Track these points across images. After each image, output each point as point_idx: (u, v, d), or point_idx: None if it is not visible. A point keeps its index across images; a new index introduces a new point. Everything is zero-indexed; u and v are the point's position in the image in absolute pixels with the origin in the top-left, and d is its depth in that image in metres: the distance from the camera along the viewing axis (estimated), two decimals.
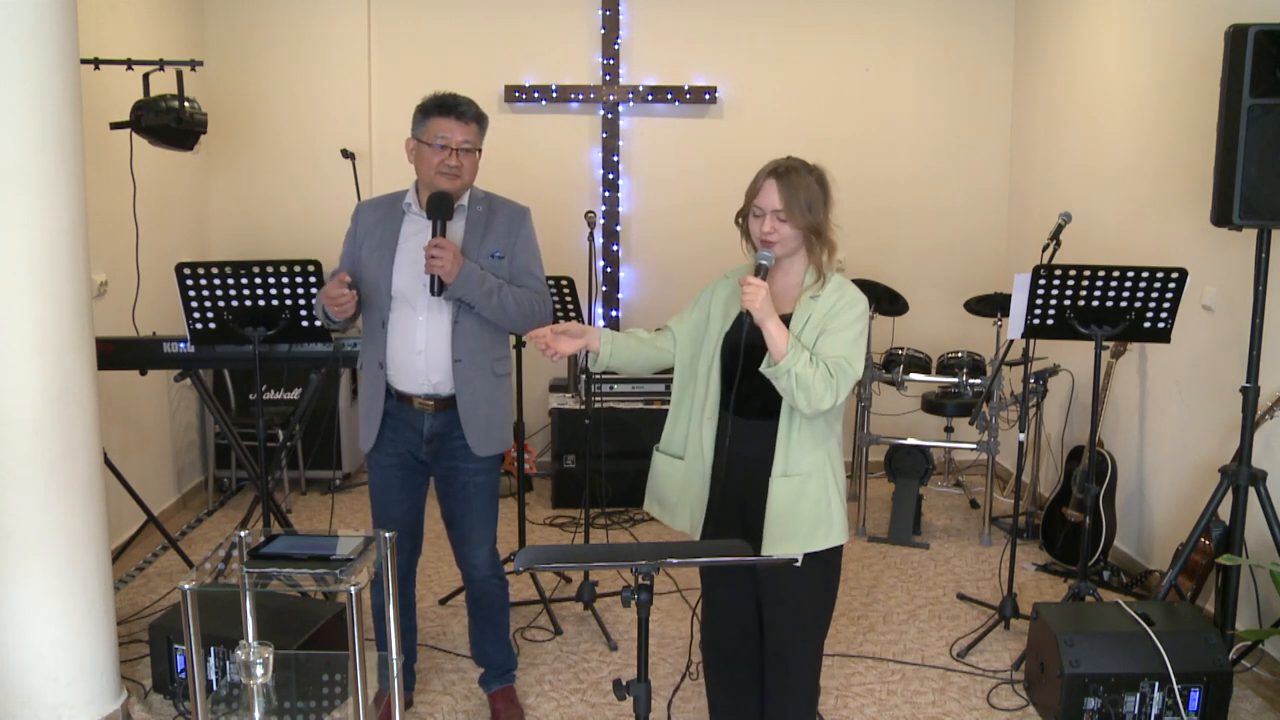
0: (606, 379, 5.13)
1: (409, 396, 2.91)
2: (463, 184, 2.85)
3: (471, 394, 2.88)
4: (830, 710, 3.26)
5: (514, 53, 5.45)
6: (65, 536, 2.81)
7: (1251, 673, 3.42)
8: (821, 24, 5.55)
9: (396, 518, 3.01)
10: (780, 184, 2.35)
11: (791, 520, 2.40)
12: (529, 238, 2.96)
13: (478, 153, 2.87)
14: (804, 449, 2.40)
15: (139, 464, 4.48)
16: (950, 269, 5.71)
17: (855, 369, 2.33)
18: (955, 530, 4.94)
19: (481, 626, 3.13)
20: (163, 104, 3.85)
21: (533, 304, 2.90)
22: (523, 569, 2.07)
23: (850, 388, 2.33)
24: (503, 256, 2.90)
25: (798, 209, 2.34)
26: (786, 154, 2.46)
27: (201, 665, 2.23)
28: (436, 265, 2.72)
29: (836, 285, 2.42)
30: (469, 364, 2.87)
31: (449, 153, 2.79)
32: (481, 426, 2.91)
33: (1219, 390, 3.76)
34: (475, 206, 2.92)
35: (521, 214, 2.97)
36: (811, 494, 2.40)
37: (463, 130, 2.80)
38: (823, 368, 2.29)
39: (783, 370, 2.27)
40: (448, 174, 2.80)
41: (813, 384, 2.27)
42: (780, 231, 2.36)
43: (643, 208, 5.64)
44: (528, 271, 2.94)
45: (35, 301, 2.71)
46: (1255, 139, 2.96)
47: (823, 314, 2.37)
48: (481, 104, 2.90)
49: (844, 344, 2.34)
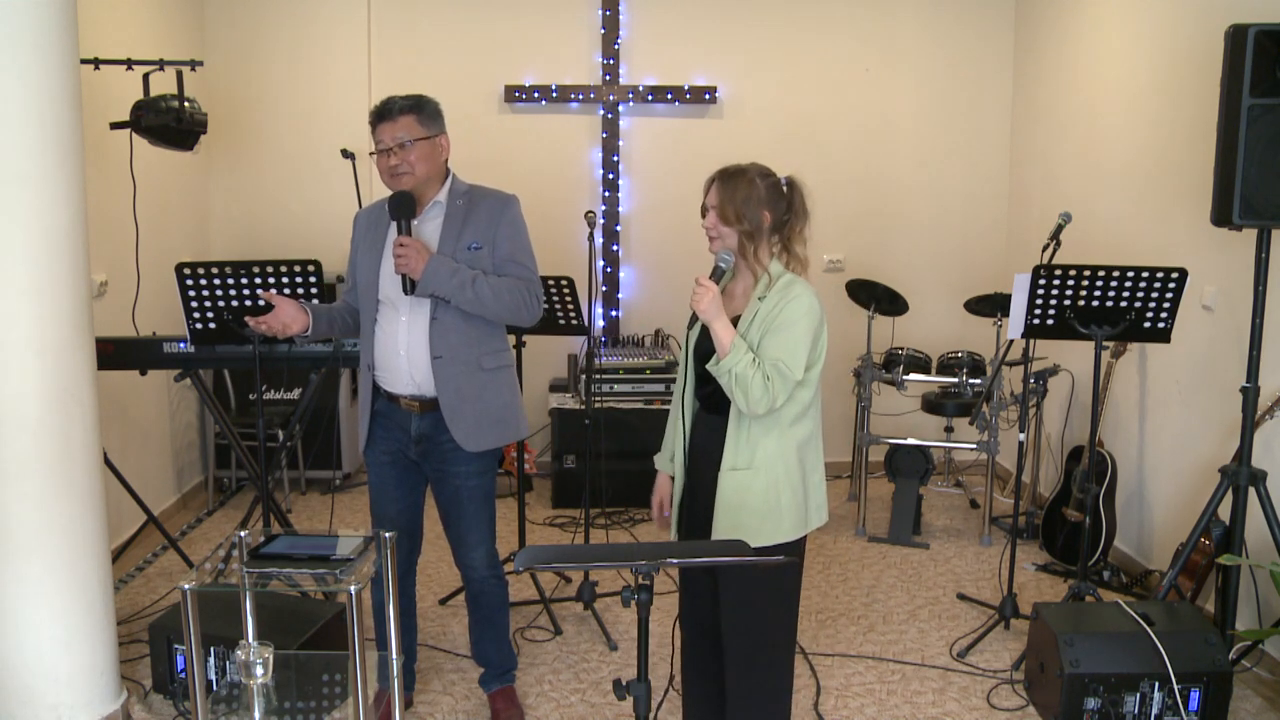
0: (606, 379, 5.13)
1: (396, 397, 2.91)
2: (415, 179, 2.81)
3: (454, 391, 2.85)
4: (830, 710, 3.26)
5: (514, 53, 5.45)
6: (65, 536, 2.81)
7: (1251, 673, 3.42)
8: (822, 24, 5.56)
9: (393, 516, 3.00)
10: (720, 184, 2.45)
11: (736, 514, 2.42)
12: (512, 224, 2.90)
13: (427, 141, 2.81)
14: (753, 443, 2.41)
15: (139, 464, 4.48)
16: (950, 269, 5.71)
17: (794, 372, 2.34)
18: (955, 530, 4.94)
19: (481, 626, 3.13)
20: (163, 104, 3.85)
21: (517, 293, 2.85)
22: (523, 569, 2.07)
23: (788, 390, 2.35)
24: (481, 247, 2.85)
25: (731, 209, 2.42)
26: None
27: (201, 665, 2.23)
28: (402, 264, 2.73)
29: (784, 285, 2.42)
30: (450, 360, 2.84)
31: (388, 154, 2.79)
32: (469, 423, 2.87)
33: (1219, 390, 3.76)
34: (455, 201, 2.88)
35: (504, 202, 2.91)
36: (758, 488, 2.41)
37: (393, 128, 2.78)
38: (762, 370, 2.33)
39: (724, 369, 2.35)
40: (395, 175, 2.80)
41: (750, 385, 2.32)
42: (719, 229, 2.45)
43: (643, 207, 5.64)
44: (512, 260, 2.88)
45: (35, 301, 2.71)
46: (1255, 139, 2.95)
47: (766, 314, 2.39)
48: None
49: (782, 345, 2.35)
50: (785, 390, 2.34)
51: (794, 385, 2.36)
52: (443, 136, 2.89)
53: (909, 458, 4.85)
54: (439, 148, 2.87)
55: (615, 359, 5.23)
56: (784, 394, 2.34)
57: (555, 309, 3.97)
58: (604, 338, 5.60)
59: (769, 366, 2.33)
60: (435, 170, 2.86)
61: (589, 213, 3.91)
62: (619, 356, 5.27)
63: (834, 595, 4.15)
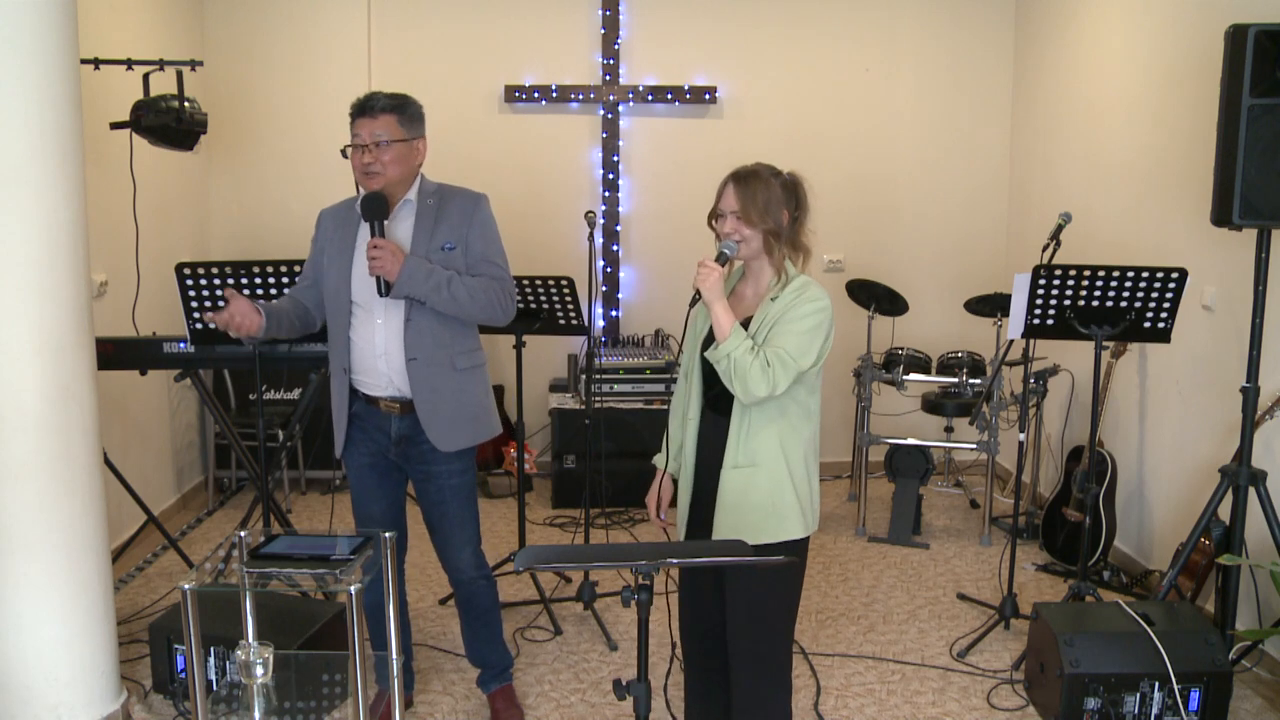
0: (606, 379, 5.13)
1: (376, 399, 2.88)
2: (385, 180, 2.77)
3: (430, 392, 2.82)
4: (830, 710, 3.26)
5: (514, 53, 5.44)
6: (65, 536, 2.81)
7: (1251, 673, 3.42)
8: (821, 24, 5.56)
9: (377, 516, 2.98)
10: (738, 187, 2.43)
11: (739, 512, 2.42)
12: (484, 224, 2.88)
13: (404, 144, 2.78)
14: (755, 441, 2.41)
15: (139, 464, 4.48)
16: (950, 269, 5.71)
17: (798, 362, 2.33)
18: (955, 530, 4.94)
19: (474, 628, 3.12)
20: (163, 104, 3.85)
21: (491, 293, 2.83)
22: (523, 569, 2.07)
23: (790, 379, 2.32)
24: (454, 248, 2.82)
25: (754, 211, 2.40)
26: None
27: (201, 665, 2.23)
28: (377, 266, 2.68)
29: (798, 286, 2.42)
30: (425, 362, 2.81)
31: (363, 150, 2.75)
32: (445, 423, 2.84)
33: (1219, 390, 3.76)
34: (425, 200, 2.85)
35: (474, 201, 2.88)
36: (761, 486, 2.40)
37: (372, 125, 2.74)
38: (762, 357, 2.31)
39: (722, 353, 2.34)
40: (367, 173, 2.76)
41: (749, 370, 2.30)
42: (742, 232, 2.43)
43: (643, 208, 5.64)
44: (485, 259, 2.85)
45: (35, 301, 2.71)
46: (1255, 139, 2.96)
47: (778, 313, 2.39)
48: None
49: (790, 337, 2.34)
50: (787, 378, 2.32)
51: (796, 373, 2.33)
52: (420, 141, 2.85)
53: (909, 458, 4.85)
54: (415, 151, 2.83)
55: (615, 359, 5.23)
56: (785, 381, 2.32)
57: (555, 309, 3.96)
58: (604, 338, 5.60)
59: (770, 353, 2.31)
60: (407, 174, 2.83)
61: (589, 213, 3.91)
62: (619, 356, 5.27)
63: (834, 595, 4.15)
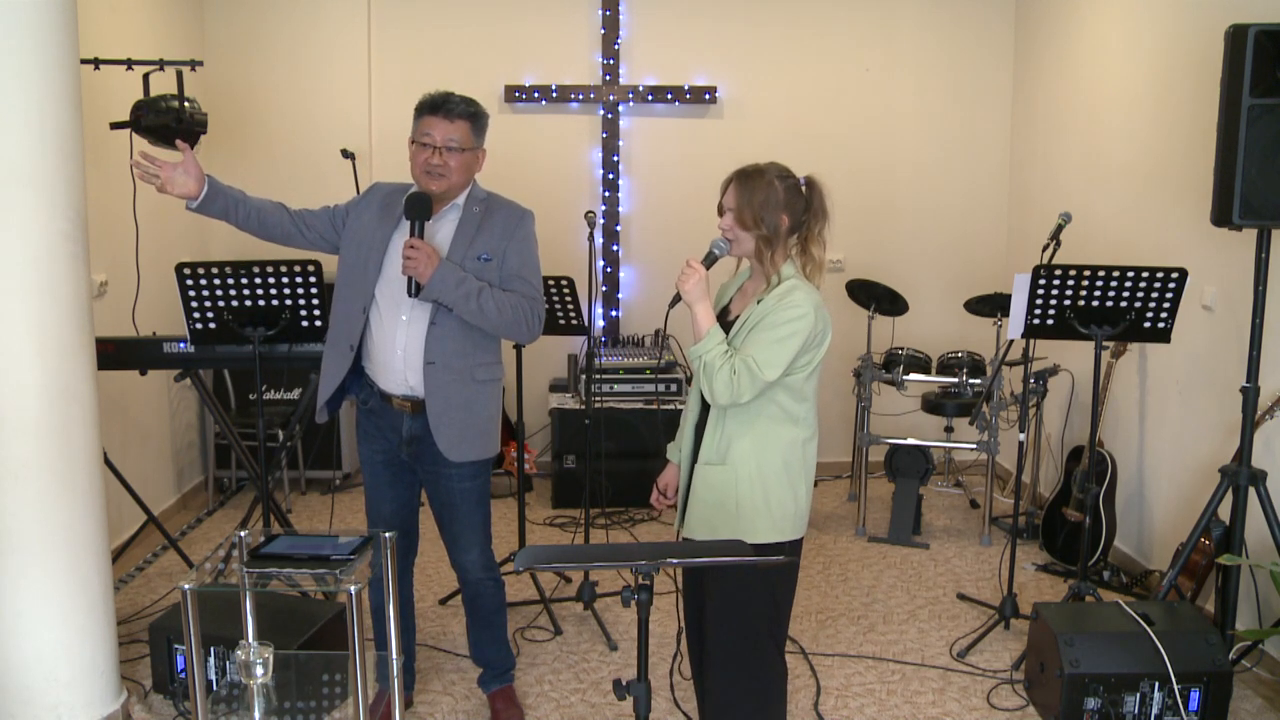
0: (606, 379, 5.13)
1: (389, 395, 2.87)
2: (449, 184, 2.77)
3: (443, 398, 2.80)
4: (830, 710, 3.26)
5: (514, 53, 5.45)
6: (65, 536, 2.81)
7: (1251, 673, 3.42)
8: (821, 24, 5.55)
9: (387, 516, 2.99)
10: (738, 185, 2.41)
11: (707, 509, 2.42)
12: (525, 241, 2.87)
13: (471, 152, 2.79)
14: (727, 440, 2.40)
15: (139, 464, 4.48)
16: (950, 269, 5.71)
17: (764, 372, 2.30)
18: (955, 530, 4.94)
19: (479, 628, 3.13)
20: (163, 104, 3.85)
21: (520, 310, 2.81)
22: (523, 569, 2.07)
23: (755, 390, 2.30)
24: (490, 259, 2.81)
25: (749, 212, 2.38)
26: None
27: (201, 665, 2.23)
28: (411, 266, 2.66)
29: (784, 290, 2.37)
30: (443, 367, 2.79)
31: (432, 151, 2.73)
32: (454, 432, 2.81)
33: (1219, 390, 3.76)
34: (472, 207, 2.85)
35: (520, 217, 2.88)
36: (726, 484, 2.39)
37: (447, 128, 2.73)
38: (730, 364, 2.31)
39: (695, 354, 2.37)
40: (430, 173, 2.75)
41: (716, 375, 2.31)
42: (735, 231, 2.42)
43: (643, 208, 5.64)
44: (519, 276, 2.84)
45: (35, 301, 2.71)
46: (1255, 139, 2.96)
47: (758, 317, 2.37)
48: (481, 104, 2.88)
49: (760, 344, 2.32)
50: (752, 388, 2.30)
51: (762, 384, 2.31)
52: (483, 151, 2.87)
53: (909, 458, 4.85)
54: (478, 160, 2.85)
55: (615, 359, 5.23)
56: (749, 392, 2.30)
57: (555, 309, 3.96)
58: (604, 338, 5.60)
59: (739, 361, 2.30)
60: (467, 182, 2.85)
61: (589, 213, 3.91)
62: (619, 356, 5.27)
63: (834, 595, 4.15)
